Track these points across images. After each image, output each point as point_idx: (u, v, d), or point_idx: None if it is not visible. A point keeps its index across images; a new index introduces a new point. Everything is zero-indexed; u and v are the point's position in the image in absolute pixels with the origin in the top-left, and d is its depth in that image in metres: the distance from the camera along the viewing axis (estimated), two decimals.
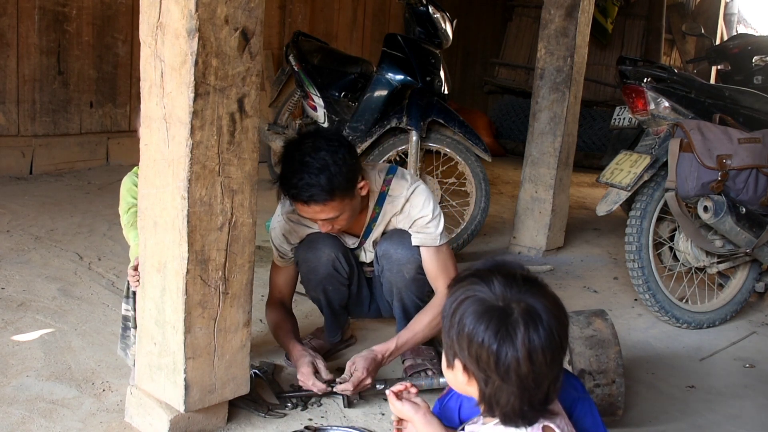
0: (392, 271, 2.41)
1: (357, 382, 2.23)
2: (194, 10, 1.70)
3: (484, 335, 1.29)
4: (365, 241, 2.48)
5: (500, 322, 1.29)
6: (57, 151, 5.04)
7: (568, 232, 4.51)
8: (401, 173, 2.43)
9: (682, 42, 8.69)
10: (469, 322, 1.32)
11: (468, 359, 1.33)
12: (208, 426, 2.05)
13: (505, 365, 1.28)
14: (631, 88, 3.29)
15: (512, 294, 1.33)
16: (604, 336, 2.26)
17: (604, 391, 2.21)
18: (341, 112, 4.17)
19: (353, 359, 2.29)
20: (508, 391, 1.31)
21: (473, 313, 1.32)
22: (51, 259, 3.36)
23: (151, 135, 1.89)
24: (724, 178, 3.03)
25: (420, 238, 2.37)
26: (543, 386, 1.32)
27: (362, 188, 2.29)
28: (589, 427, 1.62)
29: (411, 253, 2.38)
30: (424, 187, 2.40)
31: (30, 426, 2.02)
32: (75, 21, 5.00)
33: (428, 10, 3.89)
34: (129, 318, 2.21)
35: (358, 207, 2.33)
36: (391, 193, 2.39)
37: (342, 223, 2.31)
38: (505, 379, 1.30)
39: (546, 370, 1.30)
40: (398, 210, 2.39)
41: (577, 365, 2.21)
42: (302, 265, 2.48)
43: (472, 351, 1.31)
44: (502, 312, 1.31)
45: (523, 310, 1.31)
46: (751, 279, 3.45)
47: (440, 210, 2.40)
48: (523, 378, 1.29)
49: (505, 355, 1.28)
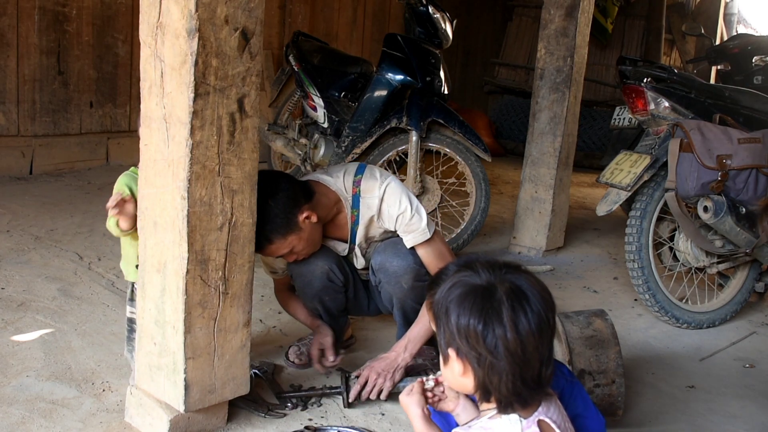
0: (390, 283, 2.41)
1: (363, 381, 2.28)
2: (194, 10, 1.70)
3: (470, 314, 1.33)
4: (354, 246, 2.47)
5: (485, 300, 1.34)
6: (57, 151, 5.04)
7: (568, 232, 4.51)
8: (370, 172, 2.40)
9: (682, 42, 8.69)
10: (454, 305, 1.36)
11: (459, 342, 1.36)
12: (208, 426, 2.05)
13: (493, 341, 1.31)
14: (631, 88, 3.29)
15: (496, 275, 1.37)
16: (604, 336, 2.26)
17: (604, 391, 2.21)
18: (341, 112, 4.17)
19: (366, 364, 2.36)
20: (499, 369, 1.32)
21: (459, 296, 1.36)
22: (51, 259, 3.36)
23: (151, 135, 1.89)
24: (724, 178, 3.03)
25: (411, 237, 2.35)
26: (534, 363, 1.33)
27: (308, 218, 2.26)
28: (580, 409, 1.64)
29: (407, 263, 2.37)
30: (395, 183, 2.37)
31: (30, 426, 2.02)
32: (75, 21, 5.00)
33: (428, 10, 3.89)
34: (135, 321, 2.20)
35: (315, 232, 2.32)
36: (363, 195, 2.37)
37: (303, 252, 2.34)
38: (496, 355, 1.32)
39: (535, 345, 1.33)
40: (375, 211, 2.36)
41: (577, 365, 2.21)
42: (297, 279, 2.49)
43: (461, 331, 1.34)
44: (486, 291, 1.35)
45: (507, 288, 1.35)
46: (751, 279, 3.45)
47: (417, 200, 2.38)
48: (512, 353, 1.31)
49: (493, 330, 1.32)
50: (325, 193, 2.37)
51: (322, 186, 2.38)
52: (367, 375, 2.30)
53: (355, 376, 2.32)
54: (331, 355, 2.44)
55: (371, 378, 2.29)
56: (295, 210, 2.23)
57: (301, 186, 2.32)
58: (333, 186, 2.38)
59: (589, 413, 1.69)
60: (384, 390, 2.27)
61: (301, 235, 2.27)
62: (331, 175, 2.41)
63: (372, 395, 2.27)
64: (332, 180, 2.39)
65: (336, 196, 2.38)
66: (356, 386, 2.28)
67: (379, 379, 2.28)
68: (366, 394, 2.27)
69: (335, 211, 2.40)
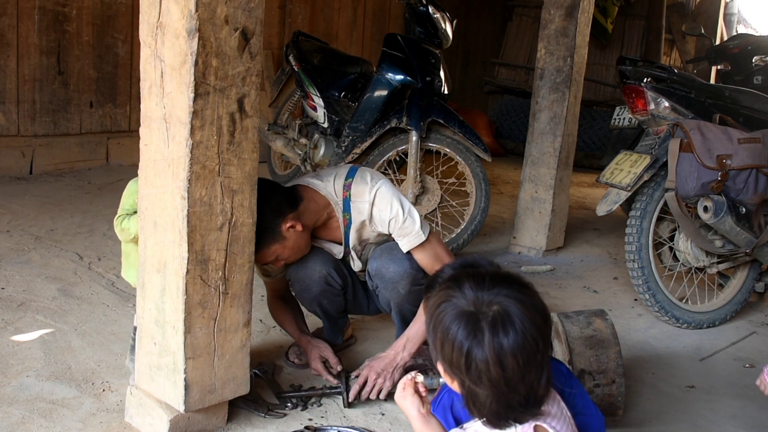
0: (387, 288, 2.41)
1: (362, 381, 2.28)
2: (194, 10, 1.70)
3: (454, 340, 1.32)
4: (349, 249, 2.46)
5: (469, 327, 1.31)
6: (57, 151, 5.04)
7: (568, 232, 4.51)
8: (360, 175, 2.37)
9: (682, 42, 8.69)
10: (442, 327, 1.34)
11: (444, 363, 1.36)
12: (208, 426, 2.05)
13: (476, 370, 1.30)
14: (631, 88, 3.29)
15: (483, 296, 1.33)
16: (604, 336, 2.26)
17: (604, 391, 2.21)
18: (341, 112, 4.17)
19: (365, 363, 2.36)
20: (482, 394, 1.32)
21: (445, 318, 1.34)
22: (51, 259, 3.36)
23: (151, 135, 1.89)
24: (724, 178, 3.03)
25: (406, 241, 2.33)
26: (519, 389, 1.31)
27: (292, 227, 2.25)
28: (579, 408, 1.64)
29: (403, 269, 2.35)
30: (386, 186, 2.34)
31: (30, 426, 2.02)
32: (75, 21, 5.00)
33: (428, 10, 3.89)
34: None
35: (300, 240, 2.30)
36: (354, 199, 2.35)
37: (290, 259, 2.34)
38: (478, 384, 1.31)
39: (520, 374, 1.30)
40: (367, 216, 2.35)
41: (577, 365, 2.21)
42: (295, 284, 2.48)
43: (446, 355, 1.34)
44: (472, 316, 1.32)
45: (494, 313, 1.31)
46: (751, 279, 3.45)
47: (409, 203, 2.36)
48: (494, 382, 1.29)
49: (474, 359, 1.29)
50: (314, 199, 2.34)
51: (310, 191, 2.36)
52: (366, 375, 2.30)
53: (355, 375, 2.33)
54: (337, 364, 2.43)
55: (371, 378, 2.29)
56: (279, 220, 2.22)
57: (286, 194, 2.30)
58: (323, 190, 2.36)
59: (588, 411, 1.69)
60: (384, 390, 2.28)
61: (285, 243, 2.26)
62: (321, 179, 2.39)
63: (372, 395, 2.27)
64: (322, 184, 2.37)
65: (325, 201, 2.36)
66: (355, 386, 2.29)
67: (378, 379, 2.28)
68: (366, 393, 2.28)
69: (326, 216, 2.38)
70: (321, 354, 2.45)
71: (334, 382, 2.36)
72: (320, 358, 2.44)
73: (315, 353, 2.46)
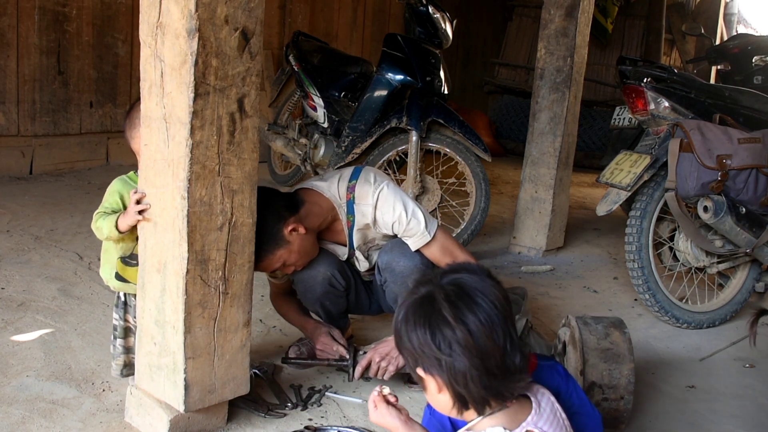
0: (396, 282, 2.40)
1: (366, 363, 2.30)
2: (194, 10, 1.70)
3: (416, 327, 1.35)
4: (353, 251, 2.46)
5: (426, 309, 1.36)
6: (57, 151, 5.04)
7: (568, 232, 4.51)
8: (365, 176, 2.36)
9: (682, 42, 8.69)
10: (402, 325, 1.39)
11: (419, 357, 1.36)
12: (208, 426, 2.05)
13: (446, 343, 1.32)
14: (631, 88, 3.29)
15: (434, 284, 1.39)
16: (620, 351, 2.21)
17: (611, 406, 2.18)
18: (341, 112, 4.17)
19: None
20: (461, 367, 1.32)
21: (403, 316, 1.39)
22: (51, 259, 3.36)
23: (151, 135, 1.89)
24: (724, 178, 3.03)
25: (413, 242, 2.33)
26: (493, 352, 1.32)
27: (294, 230, 2.24)
28: (576, 407, 1.64)
29: (413, 263, 2.35)
30: (388, 188, 2.33)
31: (30, 426, 2.02)
32: (75, 21, 5.00)
33: (428, 10, 3.89)
34: (117, 327, 2.18)
35: (306, 243, 2.30)
36: (357, 201, 2.34)
37: (299, 264, 2.34)
38: (452, 355, 1.32)
39: (488, 335, 1.32)
40: (371, 219, 2.34)
41: (589, 377, 2.17)
42: (298, 284, 2.48)
43: (416, 347, 1.36)
44: (425, 300, 1.37)
45: (446, 290, 1.36)
46: (751, 279, 3.45)
47: (413, 202, 2.35)
48: (467, 347, 1.31)
49: (442, 333, 1.33)
50: (317, 202, 2.34)
51: (314, 194, 2.36)
52: (370, 357, 2.32)
53: (363, 352, 2.36)
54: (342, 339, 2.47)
55: (374, 360, 2.31)
56: (280, 225, 2.22)
57: (286, 198, 2.30)
58: (326, 193, 2.35)
59: (584, 410, 1.69)
60: (387, 373, 2.30)
61: (290, 248, 2.26)
62: (325, 181, 2.39)
63: (378, 375, 2.30)
64: (326, 186, 2.37)
65: (329, 204, 2.35)
66: (359, 367, 2.31)
67: (382, 362, 2.30)
68: (372, 373, 2.31)
69: (330, 219, 2.37)
70: (329, 332, 2.47)
71: (344, 352, 2.38)
72: (328, 335, 2.46)
73: (323, 330, 2.47)
